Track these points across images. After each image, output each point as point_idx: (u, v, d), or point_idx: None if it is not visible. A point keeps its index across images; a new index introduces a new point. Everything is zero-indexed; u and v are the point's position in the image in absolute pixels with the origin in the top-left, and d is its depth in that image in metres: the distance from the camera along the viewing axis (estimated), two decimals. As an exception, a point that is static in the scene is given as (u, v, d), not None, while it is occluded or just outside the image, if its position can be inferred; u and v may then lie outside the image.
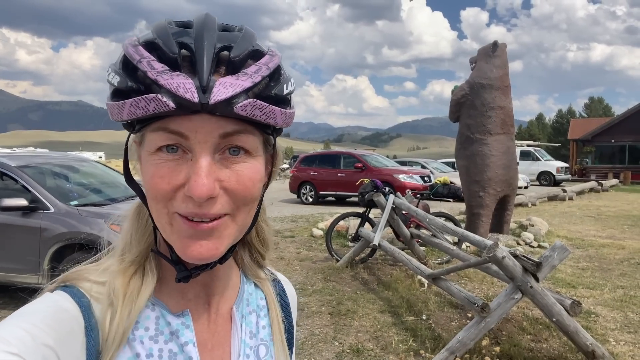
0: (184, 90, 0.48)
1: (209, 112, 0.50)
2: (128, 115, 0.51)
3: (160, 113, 0.50)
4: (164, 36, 0.52)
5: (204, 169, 0.51)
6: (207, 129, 0.51)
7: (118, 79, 0.52)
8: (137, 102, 0.50)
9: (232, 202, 0.54)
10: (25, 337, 0.47)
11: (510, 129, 7.40)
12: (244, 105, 0.51)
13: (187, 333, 0.60)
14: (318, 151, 17.62)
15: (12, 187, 4.66)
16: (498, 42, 7.40)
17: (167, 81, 0.49)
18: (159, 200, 0.53)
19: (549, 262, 3.30)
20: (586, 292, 5.24)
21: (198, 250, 0.54)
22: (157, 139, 0.53)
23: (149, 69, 0.50)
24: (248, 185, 0.55)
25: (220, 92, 0.49)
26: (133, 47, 0.52)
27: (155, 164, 0.53)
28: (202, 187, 0.50)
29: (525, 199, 13.70)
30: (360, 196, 6.36)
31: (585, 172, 30.74)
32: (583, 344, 3.30)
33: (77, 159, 6.00)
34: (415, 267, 4.58)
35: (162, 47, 0.51)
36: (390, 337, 3.89)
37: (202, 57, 0.50)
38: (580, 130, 34.62)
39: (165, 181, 0.52)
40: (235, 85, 0.50)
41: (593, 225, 10.21)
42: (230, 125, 0.52)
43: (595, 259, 6.88)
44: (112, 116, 0.54)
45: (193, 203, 0.52)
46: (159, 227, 0.56)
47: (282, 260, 6.50)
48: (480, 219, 7.17)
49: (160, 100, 0.49)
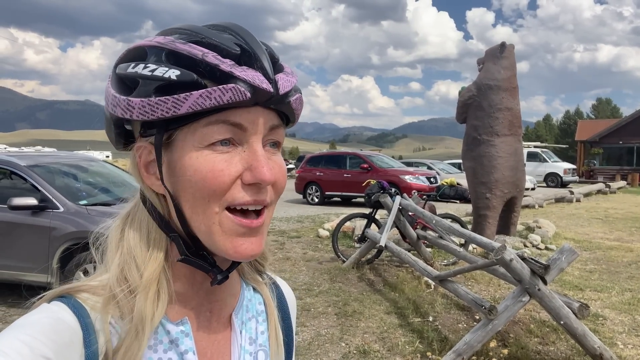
0: (260, 82, 0.52)
1: (266, 104, 0.55)
2: (191, 107, 0.51)
3: (232, 103, 0.52)
4: (214, 36, 0.54)
5: (264, 156, 0.55)
6: (262, 121, 0.55)
7: (177, 73, 0.52)
8: (209, 92, 0.51)
9: (274, 191, 0.57)
10: (23, 349, 0.47)
11: (517, 130, 7.37)
12: (296, 99, 0.58)
13: (187, 341, 0.59)
14: (324, 151, 17.62)
15: (22, 187, 4.71)
16: (506, 44, 7.37)
17: (242, 73, 0.52)
18: (215, 195, 0.53)
19: (557, 264, 3.29)
20: (594, 294, 5.21)
21: (250, 247, 0.56)
22: (215, 132, 0.53)
23: (219, 62, 0.52)
24: (285, 177, 0.59)
25: (285, 85, 0.55)
26: (184, 44, 0.53)
27: (210, 158, 0.53)
28: (269, 172, 0.54)
29: (532, 201, 13.64)
30: (366, 197, 6.36)
31: (592, 174, 30.55)
32: (591, 347, 3.28)
33: (86, 159, 6.04)
34: (422, 268, 4.58)
35: (219, 45, 0.53)
36: (396, 339, 3.89)
37: (263, 55, 0.55)
38: (588, 131, 34.41)
39: (226, 174, 0.53)
40: (290, 81, 0.57)
41: (600, 228, 10.14)
42: (276, 119, 0.57)
43: (603, 262, 6.85)
44: (152, 113, 0.52)
45: (252, 190, 0.54)
46: (202, 230, 0.55)
47: (288, 261, 6.52)
48: (487, 220, 7.15)
49: (239, 90, 0.51)
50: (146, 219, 0.59)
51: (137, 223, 0.60)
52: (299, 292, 5.04)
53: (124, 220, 0.61)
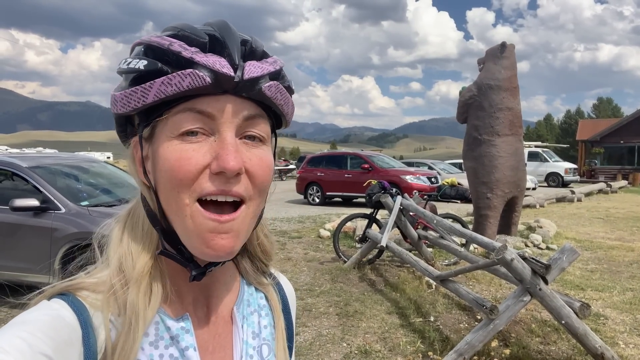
0: (220, 66, 0.52)
1: (237, 92, 0.53)
2: (156, 95, 0.52)
3: (194, 89, 0.51)
4: (188, 28, 0.54)
5: (232, 145, 0.53)
6: (234, 110, 0.54)
7: (145, 62, 0.53)
8: (170, 79, 0.51)
9: (252, 186, 0.55)
10: (22, 346, 0.47)
11: (518, 130, 7.37)
12: (270, 86, 0.55)
13: (188, 337, 0.59)
14: (325, 152, 17.63)
15: (24, 188, 4.72)
16: (506, 43, 7.37)
17: (203, 59, 0.51)
18: (183, 185, 0.53)
19: (558, 264, 3.29)
20: (595, 294, 5.21)
21: (221, 242, 0.54)
22: (183, 121, 0.53)
23: (182, 50, 0.52)
24: (266, 171, 0.57)
25: (252, 71, 0.53)
26: (158, 37, 0.54)
27: (178, 147, 0.53)
28: (234, 160, 0.52)
29: (533, 201, 13.62)
30: (367, 197, 6.36)
31: (593, 174, 30.50)
32: (592, 347, 3.28)
33: (87, 160, 6.05)
34: (423, 268, 4.58)
35: (189, 34, 0.54)
36: (398, 339, 3.89)
37: (232, 42, 0.54)
38: (589, 131, 34.36)
39: (193, 162, 0.52)
40: (262, 68, 0.55)
41: (602, 227, 10.13)
42: (253, 108, 0.55)
43: (604, 261, 6.84)
44: (127, 105, 0.54)
45: (220, 180, 0.53)
46: (177, 222, 0.55)
47: (289, 261, 6.52)
48: (488, 220, 7.14)
49: (197, 74, 0.51)
50: (143, 214, 0.61)
51: (135, 218, 0.61)
52: (300, 292, 5.04)
53: (126, 216, 0.63)
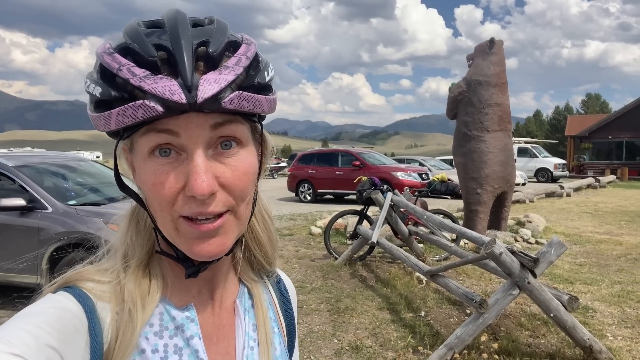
0: (170, 93, 0.48)
1: (197, 110, 0.50)
2: (116, 124, 0.51)
3: (150, 118, 0.49)
4: (138, 40, 0.51)
5: (201, 166, 0.51)
6: (197, 123, 0.51)
7: (100, 90, 0.51)
8: (124, 110, 0.50)
9: (231, 197, 0.55)
10: (28, 338, 0.47)
11: (507, 125, 7.41)
12: (231, 99, 0.51)
13: (192, 327, 0.60)
14: (316, 149, 17.61)
15: (10, 187, 4.66)
16: (495, 40, 7.41)
17: (152, 86, 0.49)
18: (163, 207, 0.53)
19: (546, 257, 3.32)
20: (584, 287, 5.26)
21: (207, 249, 0.55)
22: (148, 141, 0.52)
23: (130, 76, 0.49)
24: (243, 180, 0.55)
25: (206, 90, 0.49)
26: (109, 56, 0.52)
27: (152, 170, 0.53)
28: (202, 184, 0.50)
29: (523, 196, 13.73)
30: (358, 194, 6.37)
31: (582, 169, 30.79)
32: (581, 339, 3.32)
33: (75, 159, 5.99)
34: (414, 264, 4.60)
35: (139, 51, 0.51)
36: (389, 334, 3.90)
37: (182, 56, 0.50)
38: (578, 126, 34.67)
39: (166, 187, 0.52)
40: (219, 81, 0.50)
41: (590, 222, 10.24)
42: (219, 116, 0.53)
43: (593, 255, 6.91)
44: (98, 127, 0.53)
45: (196, 203, 0.52)
46: (165, 232, 0.56)
47: (280, 259, 6.51)
48: (478, 215, 7.18)
49: (147, 105, 0.49)
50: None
51: (141, 213, 0.63)
52: (291, 289, 5.04)
53: (133, 210, 0.64)
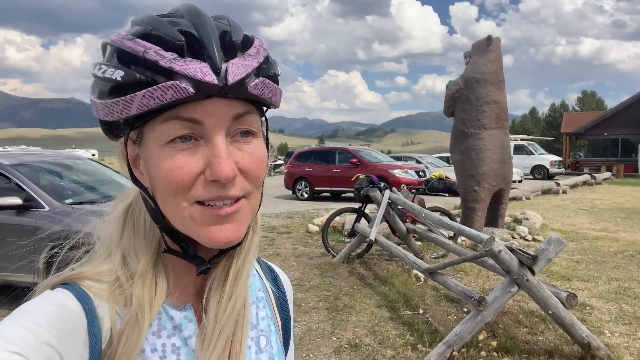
0: (202, 74, 0.49)
1: (223, 95, 0.51)
2: (139, 108, 0.50)
3: (177, 100, 0.49)
4: (161, 26, 0.52)
5: (224, 151, 0.52)
6: (221, 112, 0.52)
7: (122, 73, 0.51)
8: (151, 92, 0.49)
9: (248, 183, 0.55)
10: (27, 335, 0.47)
11: (504, 123, 7.42)
12: (256, 85, 0.53)
13: (190, 326, 0.60)
14: (313, 147, 17.59)
15: (6, 186, 4.62)
16: (492, 37, 7.41)
17: (183, 67, 0.49)
18: (179, 192, 0.53)
19: (545, 255, 3.32)
20: (581, 284, 5.28)
21: (225, 234, 0.54)
22: (171, 130, 0.52)
23: (159, 58, 0.49)
24: (259, 166, 0.56)
25: (236, 73, 0.51)
26: (130, 41, 0.51)
27: (169, 156, 0.52)
28: (226, 168, 0.51)
29: (520, 193, 13.76)
30: (356, 192, 6.36)
31: (578, 166, 30.92)
32: (579, 336, 3.33)
33: (71, 157, 5.95)
34: (412, 261, 4.60)
35: (164, 36, 0.51)
36: (387, 332, 3.90)
37: (210, 41, 0.51)
38: (574, 124, 34.80)
39: (185, 171, 0.52)
40: (246, 66, 0.52)
41: (587, 218, 10.27)
42: (241, 107, 0.54)
43: (590, 252, 6.94)
44: (110, 114, 0.52)
45: (216, 186, 0.52)
46: (176, 223, 0.56)
47: (278, 257, 6.50)
48: (475, 213, 7.20)
49: (179, 86, 0.48)
50: (144, 210, 0.61)
51: (137, 214, 0.62)
52: (289, 287, 5.03)
53: (126, 211, 0.62)
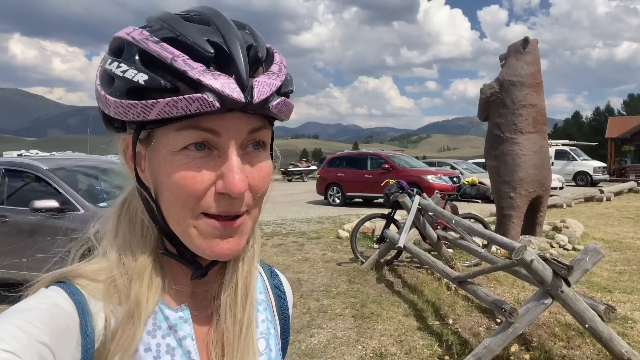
0: (230, 90, 0.49)
1: (244, 109, 0.51)
2: (159, 114, 0.50)
3: (201, 113, 0.49)
4: (189, 33, 0.51)
5: (237, 166, 0.52)
6: (240, 126, 0.53)
7: (146, 77, 0.50)
8: (176, 102, 0.49)
9: (251, 197, 0.56)
10: (20, 334, 0.47)
11: (542, 127, 7.17)
12: (277, 104, 0.54)
13: (186, 327, 0.60)
14: (345, 152, 17.55)
15: (44, 190, 4.80)
16: (529, 38, 7.19)
17: (211, 81, 0.49)
18: (188, 201, 0.53)
19: (581, 265, 3.16)
20: (623, 296, 5.00)
21: (227, 246, 0.55)
22: (186, 137, 0.52)
23: (188, 68, 0.49)
24: (266, 181, 0.57)
25: (262, 92, 0.51)
26: (156, 44, 0.51)
27: (182, 163, 0.52)
28: (240, 183, 0.52)
29: (560, 200, 13.26)
30: (385, 197, 6.28)
31: (624, 172, 29.61)
32: (618, 352, 3.14)
33: (107, 161, 6.14)
34: (441, 269, 4.48)
35: (193, 45, 0.50)
36: (414, 342, 3.80)
37: (239, 56, 0.51)
38: (619, 128, 33.41)
39: (198, 181, 0.52)
40: (270, 85, 0.53)
41: (632, 227, 9.77)
42: (258, 122, 0.54)
43: (634, 262, 6.58)
44: (124, 114, 0.52)
45: (226, 200, 0.53)
46: (177, 229, 0.56)
47: (307, 262, 6.48)
48: (511, 220, 6.96)
49: (205, 100, 0.48)
50: (140, 208, 0.60)
51: (132, 211, 0.61)
52: (316, 293, 4.99)
53: (120, 208, 0.62)
